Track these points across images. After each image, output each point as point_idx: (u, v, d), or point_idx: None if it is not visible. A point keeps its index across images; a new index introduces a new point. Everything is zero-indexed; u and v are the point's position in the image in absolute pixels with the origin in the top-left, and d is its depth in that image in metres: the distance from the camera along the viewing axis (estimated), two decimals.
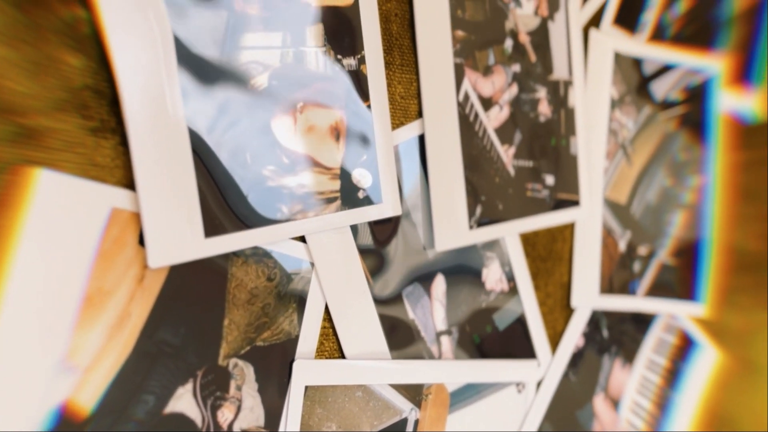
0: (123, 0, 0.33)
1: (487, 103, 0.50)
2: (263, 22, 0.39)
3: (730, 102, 0.67)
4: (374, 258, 0.45)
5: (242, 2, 0.38)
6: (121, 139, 0.35)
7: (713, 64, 0.65)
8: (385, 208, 0.45)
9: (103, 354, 0.33)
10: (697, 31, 0.64)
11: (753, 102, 0.68)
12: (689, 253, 0.65)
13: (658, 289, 0.63)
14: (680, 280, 0.64)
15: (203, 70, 0.37)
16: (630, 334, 0.62)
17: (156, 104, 0.35)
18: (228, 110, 0.38)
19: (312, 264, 0.43)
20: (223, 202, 0.38)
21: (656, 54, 0.61)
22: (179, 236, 0.36)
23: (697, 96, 0.65)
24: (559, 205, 0.55)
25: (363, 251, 0.45)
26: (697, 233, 0.65)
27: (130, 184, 0.35)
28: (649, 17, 0.61)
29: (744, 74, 0.68)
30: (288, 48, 0.40)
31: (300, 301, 0.42)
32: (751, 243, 0.67)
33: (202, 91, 0.37)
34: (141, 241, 0.35)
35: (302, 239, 0.42)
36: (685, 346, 0.65)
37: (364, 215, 0.44)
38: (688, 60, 0.63)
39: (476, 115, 0.49)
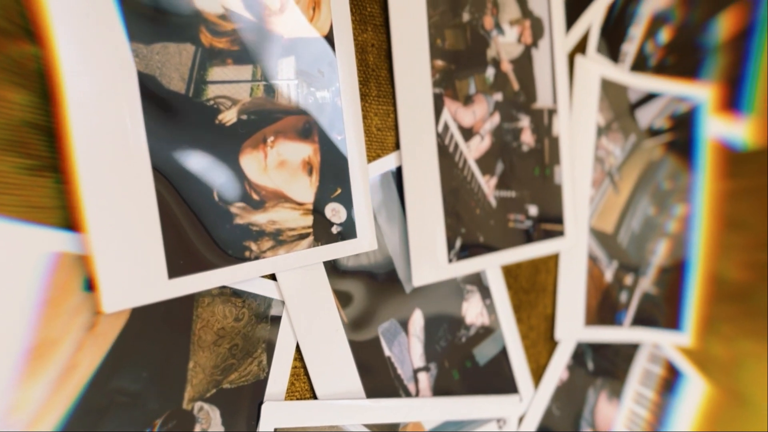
0: (81, 32, 0.32)
1: (468, 133, 0.49)
2: (232, 56, 0.38)
3: (719, 128, 0.66)
4: (349, 294, 0.44)
5: (210, 36, 0.37)
6: (63, 177, 0.33)
7: (700, 92, 0.64)
8: (360, 243, 0.44)
9: (47, 409, 0.32)
10: (680, 60, 0.63)
11: (743, 129, 0.67)
12: (674, 283, 0.64)
13: (643, 319, 0.62)
14: (665, 310, 0.63)
15: (168, 106, 0.36)
16: (616, 365, 0.61)
17: (114, 140, 0.33)
18: (194, 146, 0.37)
19: (283, 302, 0.41)
20: (188, 240, 0.36)
21: (643, 81, 0.60)
22: (139, 278, 0.35)
23: (684, 123, 0.64)
24: (543, 235, 0.54)
25: (337, 287, 0.43)
26: (682, 262, 0.64)
27: (75, 225, 0.33)
28: (631, 47, 0.60)
29: (733, 103, 0.67)
30: (258, 82, 0.39)
31: (269, 340, 0.41)
32: (735, 272, 0.66)
33: (166, 127, 0.36)
34: (92, 286, 0.34)
35: (273, 277, 0.41)
36: (672, 378, 0.64)
37: (337, 251, 0.43)
38: (674, 88, 0.62)
39: (456, 146, 0.48)
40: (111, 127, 0.33)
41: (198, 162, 0.37)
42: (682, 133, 0.64)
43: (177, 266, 0.36)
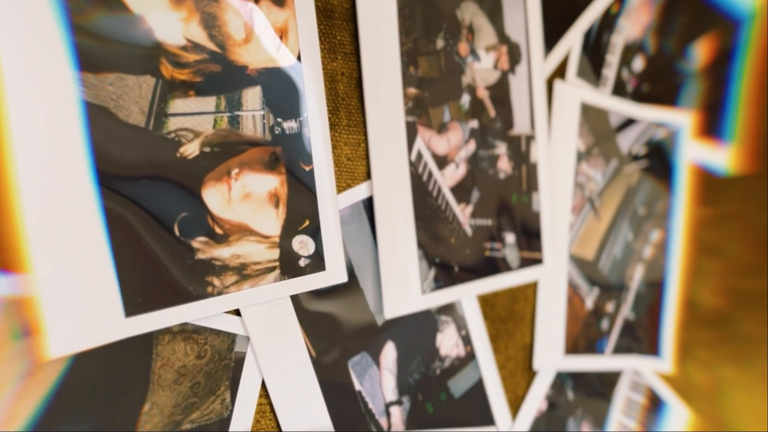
0: (25, 63, 0.31)
1: (442, 161, 0.48)
2: (195, 88, 0.37)
3: (699, 154, 0.65)
4: (318, 328, 0.43)
5: (171, 68, 0.36)
6: None
7: (678, 118, 0.63)
8: (329, 275, 0.43)
9: None
10: (655, 87, 0.63)
11: (724, 156, 0.66)
12: (653, 308, 0.63)
13: (624, 346, 0.61)
14: (645, 336, 0.62)
15: (125, 139, 0.35)
16: (597, 394, 0.60)
17: (57, 172, 0.32)
18: (154, 180, 0.36)
19: (248, 338, 0.40)
20: (147, 277, 0.35)
21: (623, 106, 0.60)
22: (92, 318, 0.33)
23: (663, 149, 0.63)
24: (521, 263, 0.53)
25: (305, 321, 0.42)
26: (659, 288, 0.63)
27: (7, 266, 0.31)
28: (611, 72, 0.59)
29: (714, 130, 0.66)
30: (222, 113, 0.38)
31: (234, 377, 0.40)
32: (710, 298, 0.65)
33: (123, 161, 0.35)
34: (30, 330, 0.33)
35: (238, 312, 0.40)
36: (655, 407, 0.63)
37: (305, 284, 0.42)
38: (653, 113, 0.62)
39: (430, 174, 0.47)
40: (55, 159, 0.32)
41: (158, 196, 0.36)
42: (660, 158, 0.63)
43: (134, 304, 0.35)
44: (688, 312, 0.64)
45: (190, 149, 0.37)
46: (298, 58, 0.41)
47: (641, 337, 0.62)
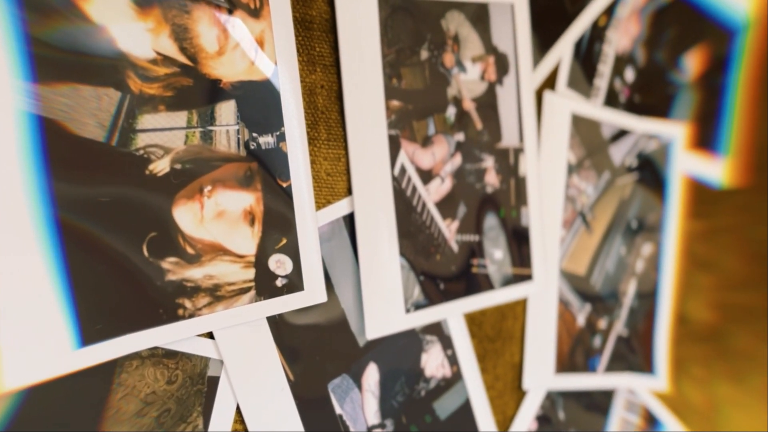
0: None
1: (427, 175, 0.47)
2: (165, 102, 0.36)
3: (693, 166, 0.64)
4: (296, 350, 0.41)
5: (139, 82, 0.34)
6: None
7: (671, 129, 0.62)
8: (308, 296, 0.41)
9: None
10: (648, 98, 0.61)
11: (719, 169, 0.65)
12: (646, 324, 0.61)
13: (617, 364, 0.59)
14: (639, 353, 0.61)
15: (81, 154, 0.33)
16: (590, 414, 0.58)
17: (6, 195, 0.31)
18: (120, 199, 0.34)
19: (222, 362, 0.39)
20: (109, 301, 0.34)
21: (615, 117, 0.58)
22: (45, 348, 0.32)
23: (656, 161, 0.62)
24: (510, 280, 0.51)
25: (282, 343, 0.41)
26: (653, 303, 0.62)
27: None
28: (602, 83, 0.58)
29: (709, 142, 0.65)
30: (194, 128, 0.37)
31: (206, 404, 0.38)
32: (704, 313, 0.63)
33: (81, 178, 0.33)
34: None
35: (211, 335, 0.38)
36: (651, 427, 0.61)
37: (282, 305, 0.40)
38: (645, 125, 0.60)
39: (414, 189, 0.46)
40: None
41: (126, 216, 0.34)
42: (653, 171, 0.61)
43: (92, 331, 0.33)
44: (682, 327, 0.63)
45: (160, 166, 0.35)
46: (275, 70, 0.39)
47: (635, 355, 0.60)
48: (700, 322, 0.63)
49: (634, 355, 0.61)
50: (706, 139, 0.65)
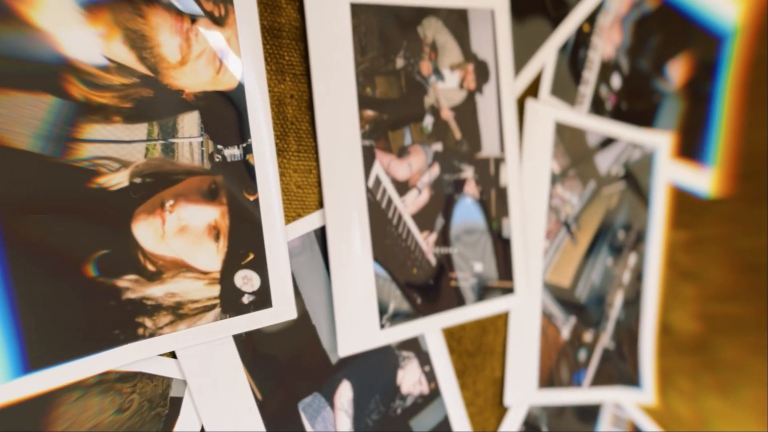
0: None
1: (403, 186, 0.45)
2: (121, 113, 0.34)
3: (679, 174, 0.63)
4: (264, 369, 0.40)
5: (84, 89, 0.33)
6: None
7: (657, 138, 0.61)
8: (277, 312, 0.40)
9: None
10: (635, 105, 0.60)
11: (705, 178, 0.64)
12: (632, 336, 0.60)
13: (603, 378, 0.58)
14: (625, 366, 0.59)
15: (17, 169, 0.31)
16: (575, 430, 0.57)
17: None
18: (62, 214, 0.32)
19: (185, 382, 0.37)
20: (58, 325, 0.32)
21: (601, 125, 0.57)
22: None
23: (642, 170, 0.60)
24: (491, 293, 0.50)
25: (250, 362, 0.39)
26: (638, 314, 0.61)
27: None
28: (588, 90, 0.56)
29: (695, 152, 0.63)
30: (155, 141, 0.35)
31: (167, 427, 0.37)
32: (689, 324, 0.62)
33: (17, 194, 0.31)
34: None
35: (174, 354, 0.37)
36: None
37: (249, 323, 0.39)
38: (631, 133, 0.59)
39: (389, 201, 0.45)
40: None
41: (68, 232, 0.32)
42: (639, 179, 0.60)
43: (38, 356, 0.32)
44: (667, 338, 0.61)
45: (116, 180, 0.34)
46: (241, 80, 0.38)
47: (622, 368, 0.59)
48: (685, 332, 0.61)
49: (621, 368, 0.59)
50: (692, 148, 0.63)
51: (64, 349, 0.32)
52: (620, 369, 0.59)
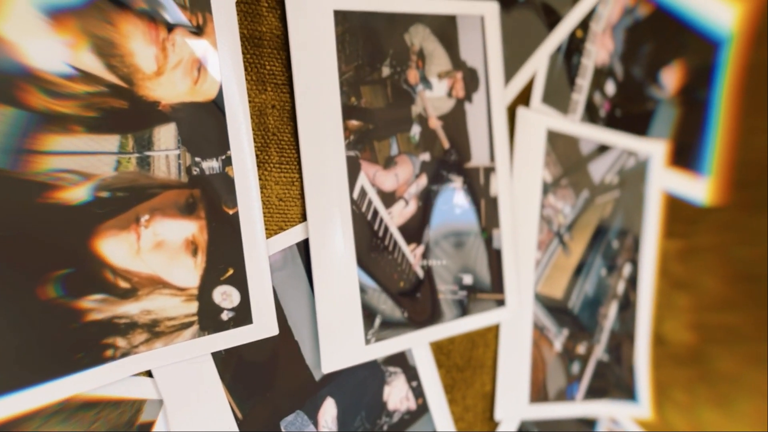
0: None
1: (390, 198, 0.44)
2: (85, 123, 0.33)
3: (673, 183, 0.62)
4: (245, 386, 0.39)
5: (45, 98, 0.31)
6: None
7: (652, 146, 0.59)
8: (257, 329, 0.39)
9: None
10: (629, 112, 0.59)
11: (701, 186, 0.63)
12: (627, 349, 0.59)
13: (597, 391, 0.56)
14: (620, 378, 0.58)
15: None
16: None
17: None
18: (17, 233, 0.31)
19: (161, 402, 0.36)
20: (10, 352, 0.31)
21: (594, 133, 0.56)
22: None
23: (637, 178, 0.59)
24: (480, 306, 0.49)
25: (230, 380, 0.38)
26: (633, 325, 0.59)
27: None
28: (581, 97, 0.55)
29: (691, 157, 0.62)
30: (129, 154, 0.34)
31: None
32: (684, 335, 0.61)
33: None
34: None
35: (150, 373, 0.36)
36: None
37: (229, 340, 0.38)
38: (627, 140, 0.58)
39: (375, 213, 0.43)
40: None
41: (24, 252, 0.31)
42: (633, 188, 0.59)
43: None
44: (661, 349, 0.60)
45: (77, 194, 0.33)
46: (220, 91, 0.37)
47: (616, 381, 0.58)
48: (680, 343, 0.60)
49: (615, 381, 0.58)
50: (688, 155, 0.62)
51: (18, 376, 0.31)
52: (615, 381, 0.58)
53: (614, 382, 0.58)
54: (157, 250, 0.35)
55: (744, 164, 0.61)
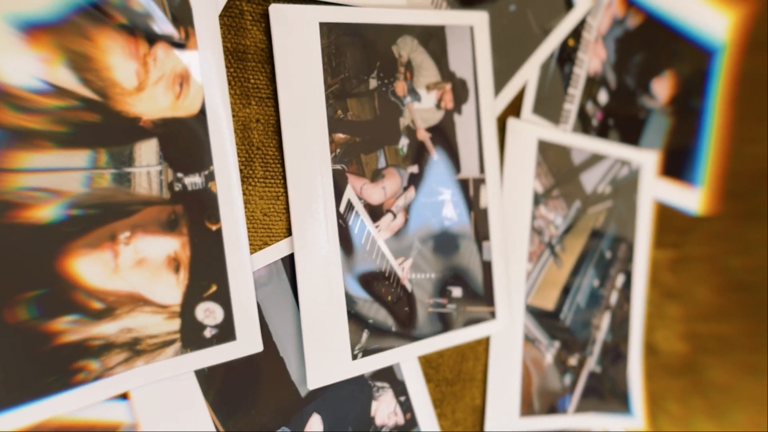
0: None
1: (377, 211, 0.44)
2: (53, 139, 0.32)
3: (666, 193, 0.61)
4: (229, 404, 0.38)
5: (14, 113, 0.31)
6: None
7: (644, 155, 0.59)
8: (241, 346, 0.38)
9: None
10: (622, 121, 0.58)
11: (694, 196, 0.62)
12: (620, 359, 0.58)
13: (589, 403, 0.56)
14: (613, 390, 0.58)
15: None
16: None
17: None
18: None
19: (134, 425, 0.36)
20: None
21: (586, 143, 0.55)
22: None
23: (628, 188, 0.59)
24: (470, 319, 0.48)
25: (213, 397, 0.38)
26: (626, 335, 0.59)
27: None
28: (573, 107, 0.55)
29: (684, 167, 0.62)
30: (102, 169, 0.34)
31: None
32: (677, 345, 0.60)
33: None
34: None
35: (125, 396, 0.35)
36: None
37: (212, 357, 0.38)
38: (619, 150, 0.57)
39: (362, 226, 0.43)
40: None
41: None
42: (626, 197, 0.59)
43: None
44: (653, 360, 0.59)
45: (47, 213, 0.32)
46: (203, 105, 0.37)
47: (609, 392, 0.57)
48: (672, 353, 0.60)
49: (608, 392, 0.58)
50: (680, 165, 0.62)
51: None
52: (607, 393, 0.58)
53: (607, 393, 0.57)
54: (138, 267, 0.35)
55: (736, 174, 0.61)
